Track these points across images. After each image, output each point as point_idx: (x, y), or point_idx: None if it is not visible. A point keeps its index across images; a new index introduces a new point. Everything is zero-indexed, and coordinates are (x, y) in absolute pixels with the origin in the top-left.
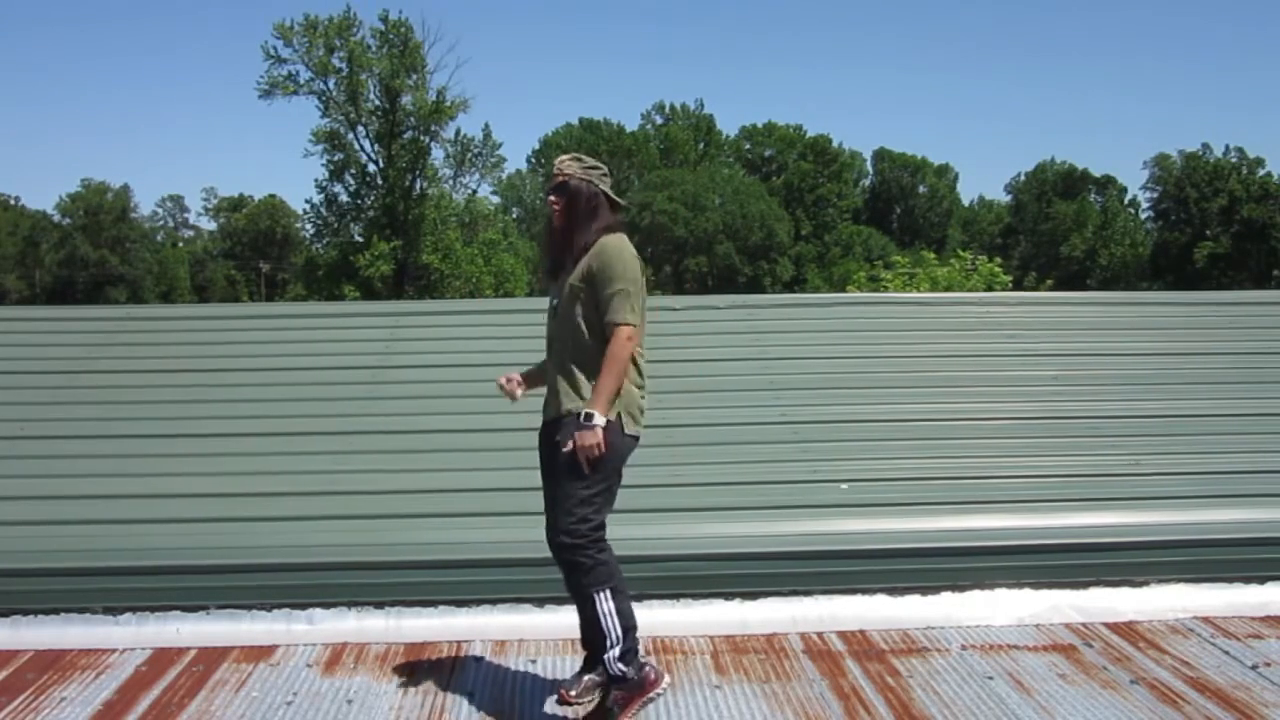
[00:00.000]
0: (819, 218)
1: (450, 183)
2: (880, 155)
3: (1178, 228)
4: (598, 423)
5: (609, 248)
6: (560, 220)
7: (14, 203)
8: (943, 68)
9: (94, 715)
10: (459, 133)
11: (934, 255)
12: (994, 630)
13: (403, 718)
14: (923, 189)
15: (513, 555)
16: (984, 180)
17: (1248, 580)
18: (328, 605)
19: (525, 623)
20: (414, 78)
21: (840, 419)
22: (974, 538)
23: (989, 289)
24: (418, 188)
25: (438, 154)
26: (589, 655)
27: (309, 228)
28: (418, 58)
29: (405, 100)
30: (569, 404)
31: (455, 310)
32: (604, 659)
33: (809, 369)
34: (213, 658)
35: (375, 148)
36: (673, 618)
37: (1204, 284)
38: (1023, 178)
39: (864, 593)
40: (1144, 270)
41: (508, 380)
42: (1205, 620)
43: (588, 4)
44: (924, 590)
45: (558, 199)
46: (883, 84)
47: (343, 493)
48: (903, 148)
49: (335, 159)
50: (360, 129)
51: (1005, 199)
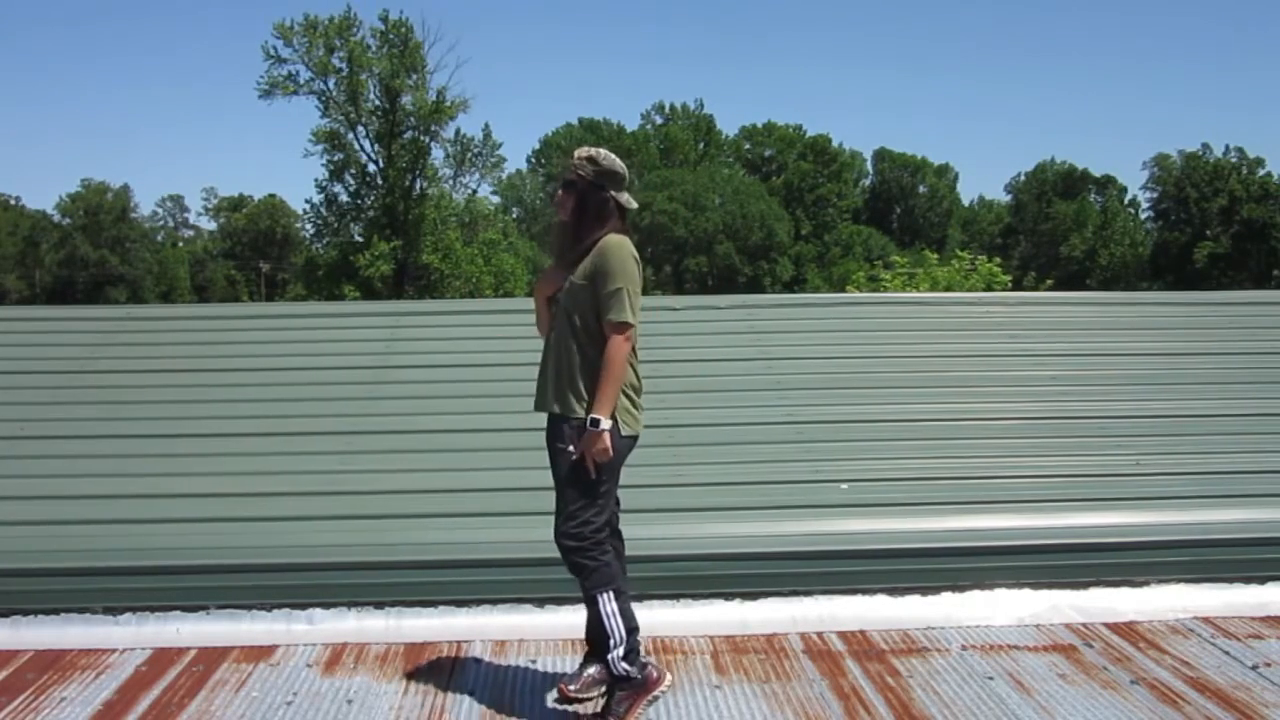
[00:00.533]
0: (819, 218)
1: (450, 183)
2: (880, 155)
3: (1178, 228)
4: (604, 428)
5: (611, 247)
6: (566, 216)
7: (14, 203)
8: (942, 68)
9: (94, 715)
10: (459, 133)
11: (934, 255)
12: (994, 630)
13: (403, 718)
14: (923, 189)
15: (513, 555)
16: (984, 180)
17: (1248, 580)
18: (328, 605)
19: (525, 623)
20: (414, 78)
21: (841, 419)
22: (974, 538)
23: (989, 289)
24: (418, 188)
25: (438, 154)
26: (590, 650)
27: (309, 228)
28: (418, 58)
29: (405, 100)
30: (560, 406)
31: (455, 310)
32: (607, 659)
33: (810, 369)
34: (213, 658)
35: (375, 148)
36: (673, 618)
37: (1204, 284)
38: (1023, 178)
39: (864, 593)
40: (1144, 270)
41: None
42: (1205, 620)
43: (588, 4)
44: (924, 590)
45: (566, 195)
46: (883, 84)
47: (342, 493)
48: (903, 148)
49: (335, 159)
50: (360, 129)
51: (1005, 199)
